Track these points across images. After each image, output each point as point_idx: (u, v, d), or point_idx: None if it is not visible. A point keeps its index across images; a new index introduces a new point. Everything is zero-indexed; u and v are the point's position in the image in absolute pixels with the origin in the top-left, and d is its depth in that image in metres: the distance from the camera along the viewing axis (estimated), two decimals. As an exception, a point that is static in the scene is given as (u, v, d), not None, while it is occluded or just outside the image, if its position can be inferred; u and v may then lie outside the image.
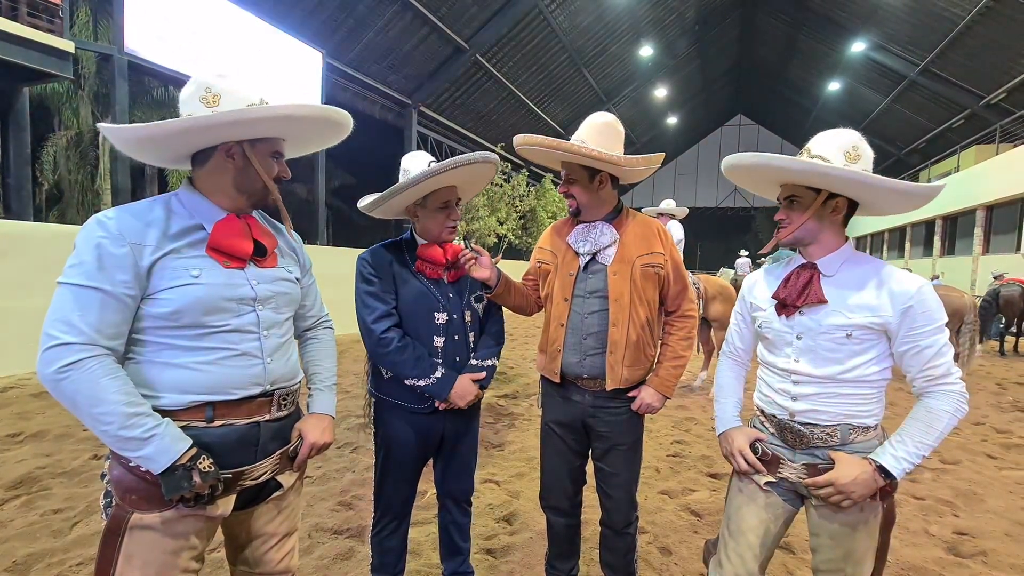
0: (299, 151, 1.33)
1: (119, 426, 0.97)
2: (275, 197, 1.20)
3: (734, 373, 1.54)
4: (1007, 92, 15.28)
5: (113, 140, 1.11)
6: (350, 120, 1.24)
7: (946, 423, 1.18)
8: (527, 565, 2.21)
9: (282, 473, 1.25)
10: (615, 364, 1.64)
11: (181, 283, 1.06)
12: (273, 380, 1.19)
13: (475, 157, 1.57)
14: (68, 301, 0.98)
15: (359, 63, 13.77)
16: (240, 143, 1.14)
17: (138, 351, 1.07)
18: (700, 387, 5.46)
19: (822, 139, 1.28)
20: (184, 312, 1.06)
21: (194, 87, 1.12)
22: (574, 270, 1.69)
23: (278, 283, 1.22)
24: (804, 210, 1.29)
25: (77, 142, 11.77)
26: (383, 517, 1.75)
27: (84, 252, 1.00)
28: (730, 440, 1.43)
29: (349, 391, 4.96)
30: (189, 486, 1.01)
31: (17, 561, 2.11)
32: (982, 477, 3.31)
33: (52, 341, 0.96)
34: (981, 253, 14.06)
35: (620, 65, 21.40)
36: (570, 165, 1.67)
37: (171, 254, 1.06)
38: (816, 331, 1.27)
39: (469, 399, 1.64)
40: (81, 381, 0.96)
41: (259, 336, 1.16)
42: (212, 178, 1.16)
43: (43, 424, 3.72)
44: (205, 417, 1.09)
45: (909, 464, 1.18)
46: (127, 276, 1.02)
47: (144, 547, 1.04)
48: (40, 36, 7.01)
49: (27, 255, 5.22)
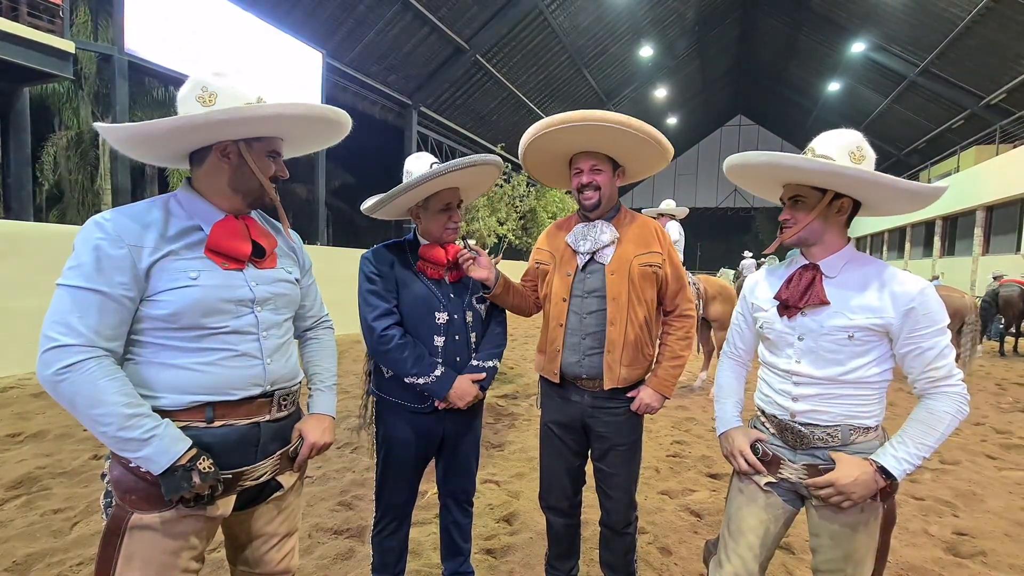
0: (298, 151, 1.32)
1: (118, 427, 0.97)
2: (272, 196, 1.20)
3: (735, 373, 1.54)
4: (1007, 93, 15.30)
5: (109, 139, 1.11)
6: (347, 119, 1.23)
7: (947, 424, 1.18)
8: (527, 565, 2.21)
9: (282, 473, 1.25)
10: (613, 364, 1.64)
11: (179, 285, 1.05)
12: (273, 381, 1.19)
13: (477, 159, 1.57)
14: (67, 303, 0.98)
15: (359, 63, 13.78)
16: (236, 142, 1.13)
17: (137, 352, 1.07)
18: (700, 387, 5.46)
19: (826, 139, 1.27)
20: (182, 314, 1.06)
21: (190, 86, 1.12)
22: (572, 270, 1.70)
23: (277, 284, 1.22)
24: (809, 210, 1.28)
25: (77, 142, 11.76)
26: (384, 517, 1.76)
27: (82, 254, 1.00)
28: (730, 440, 1.43)
29: (349, 391, 4.96)
30: (189, 487, 1.01)
31: (17, 561, 2.11)
32: (982, 477, 3.31)
33: (51, 343, 0.96)
34: (981, 254, 14.07)
35: (620, 65, 21.41)
36: (596, 156, 1.66)
37: (169, 256, 1.06)
38: (818, 332, 1.27)
39: (468, 399, 1.64)
40: (80, 383, 0.96)
41: (258, 337, 1.16)
42: (209, 178, 1.15)
43: (43, 424, 3.72)
44: (205, 418, 1.09)
45: (910, 465, 1.18)
46: (125, 278, 1.02)
47: (144, 547, 1.04)
48: (40, 36, 7.01)
49: (27, 255, 5.22)
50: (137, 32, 8.25)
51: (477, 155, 1.59)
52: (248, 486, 1.17)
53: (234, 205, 1.17)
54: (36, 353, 0.98)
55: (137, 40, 8.27)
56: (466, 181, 1.68)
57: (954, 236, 16.31)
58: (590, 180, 1.66)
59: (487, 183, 1.81)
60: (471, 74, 16.66)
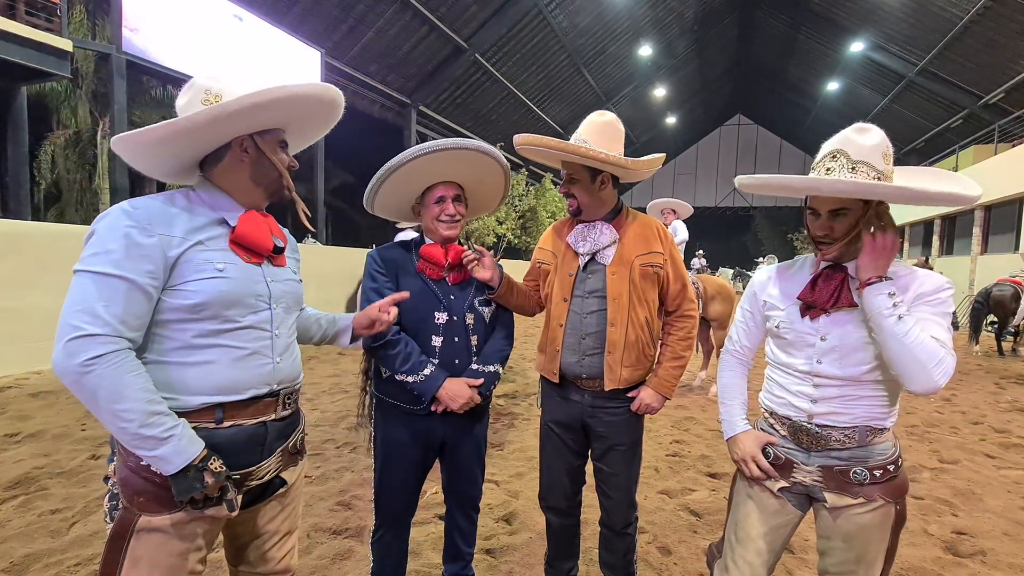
0: (299, 143, 1.34)
1: (139, 424, 0.95)
2: (289, 185, 1.22)
3: (738, 372, 1.51)
4: (1005, 92, 15.32)
5: (125, 150, 1.10)
6: (342, 97, 1.25)
7: (931, 350, 1.10)
8: (526, 565, 2.21)
9: (285, 470, 1.25)
10: (614, 364, 1.64)
11: (206, 276, 1.05)
12: (280, 380, 1.19)
13: (448, 143, 1.51)
14: (91, 290, 0.95)
15: (358, 62, 13.77)
16: (251, 136, 1.15)
17: (151, 350, 1.05)
18: (699, 387, 5.46)
19: (857, 142, 1.20)
20: (208, 305, 1.05)
21: (192, 92, 1.12)
22: (573, 270, 1.69)
23: (287, 283, 1.24)
24: (853, 222, 1.21)
25: (75, 141, 11.73)
26: (383, 525, 1.72)
27: (110, 240, 0.98)
28: (740, 445, 1.39)
29: (349, 391, 4.95)
30: (201, 487, 1.01)
31: (15, 562, 2.10)
32: (980, 477, 3.31)
33: (75, 332, 0.93)
34: (979, 253, 14.08)
35: (619, 65, 21.43)
36: (572, 165, 1.66)
37: (197, 246, 1.06)
38: (841, 333, 1.24)
39: (461, 402, 1.59)
40: (106, 376, 0.93)
41: (271, 335, 1.17)
42: (230, 174, 1.16)
43: (41, 424, 3.71)
44: (215, 419, 1.09)
45: (890, 308, 1.13)
46: (153, 267, 1.00)
47: (152, 550, 1.03)
48: (38, 35, 7.00)
49: (25, 255, 5.21)
50: (135, 30, 8.23)
51: (456, 139, 1.54)
52: (253, 485, 1.17)
53: (254, 199, 1.20)
54: (34, 352, 0.98)
55: (135, 39, 8.25)
56: (461, 173, 1.63)
57: (953, 235, 16.32)
58: (566, 190, 1.69)
59: (489, 176, 1.69)
60: (470, 73, 16.66)
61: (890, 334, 1.12)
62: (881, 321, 1.14)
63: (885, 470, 1.25)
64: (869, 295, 1.16)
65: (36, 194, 11.58)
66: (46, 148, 11.34)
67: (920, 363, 1.10)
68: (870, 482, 1.24)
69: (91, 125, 11.57)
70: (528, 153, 1.66)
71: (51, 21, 7.35)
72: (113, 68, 8.16)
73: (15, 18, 6.85)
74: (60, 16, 7.47)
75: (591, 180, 1.65)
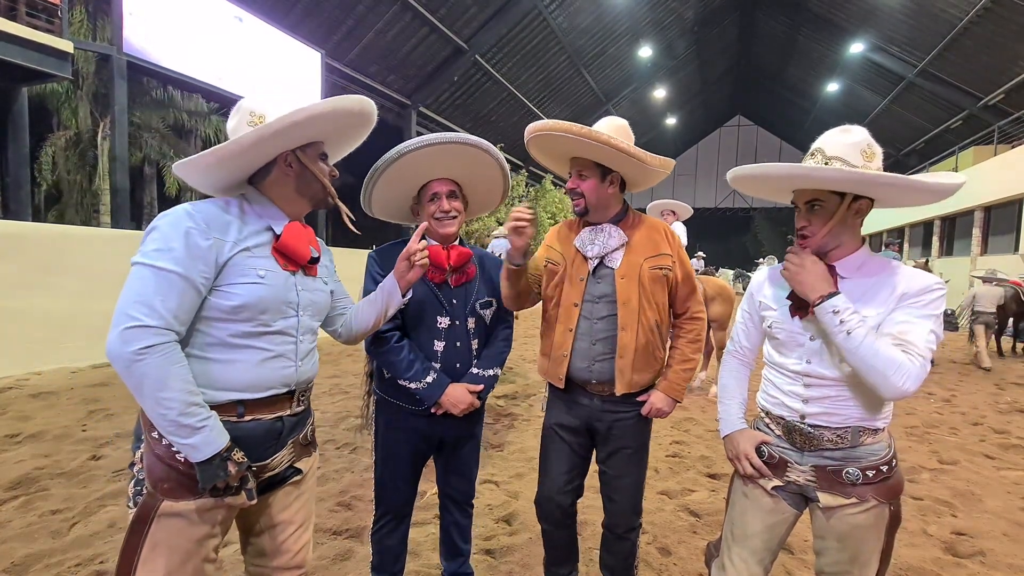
0: (338, 152, 1.41)
1: (179, 412, 1.01)
2: (332, 194, 1.30)
3: (739, 373, 1.52)
4: (1005, 93, 15.33)
5: (185, 174, 1.18)
6: (374, 107, 1.31)
7: (887, 359, 1.10)
8: (526, 566, 2.21)
9: (298, 461, 1.30)
10: (624, 368, 1.62)
11: (249, 280, 1.12)
12: (299, 381, 1.26)
13: (437, 138, 1.50)
14: (151, 284, 1.02)
15: (358, 63, 13.78)
16: (294, 151, 1.22)
17: (192, 342, 1.11)
18: (699, 387, 5.47)
19: (835, 140, 1.23)
20: (246, 308, 1.12)
21: (240, 115, 1.21)
22: (584, 275, 1.65)
23: (316, 293, 1.31)
24: (829, 215, 1.23)
25: (76, 142, 11.75)
26: (383, 516, 1.76)
27: (172, 238, 1.05)
28: (735, 444, 1.41)
29: (349, 391, 4.96)
30: (225, 475, 1.06)
31: (15, 562, 2.10)
32: (980, 477, 3.31)
33: (132, 322, 0.99)
34: (979, 254, 14.09)
35: (619, 66, 21.45)
36: (583, 162, 1.62)
37: (244, 252, 1.14)
38: None
39: (463, 407, 1.62)
40: (154, 365, 1.00)
41: (296, 340, 1.23)
42: (278, 186, 1.24)
43: (42, 425, 3.72)
44: (237, 413, 1.15)
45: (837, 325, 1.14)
46: (206, 267, 1.08)
47: (171, 534, 1.08)
48: (39, 36, 7.01)
49: (25, 255, 5.20)
50: (135, 32, 8.24)
51: (444, 133, 1.54)
52: (267, 476, 1.22)
53: (299, 209, 1.28)
54: (34, 353, 0.99)
55: (135, 40, 8.25)
56: (454, 168, 1.62)
57: (952, 236, 16.33)
58: (574, 186, 1.65)
59: (483, 169, 1.66)
60: (470, 74, 16.67)
61: (843, 349, 1.16)
62: (834, 339, 1.18)
63: (878, 471, 1.25)
64: (818, 316, 1.21)
65: (37, 195, 11.61)
66: (47, 149, 11.35)
67: (878, 371, 1.11)
68: (863, 482, 1.24)
69: (91, 126, 11.58)
70: (542, 142, 1.61)
71: (52, 22, 7.36)
72: (114, 69, 8.16)
73: (16, 19, 6.86)
74: (61, 17, 7.48)
75: (601, 179, 1.62)
